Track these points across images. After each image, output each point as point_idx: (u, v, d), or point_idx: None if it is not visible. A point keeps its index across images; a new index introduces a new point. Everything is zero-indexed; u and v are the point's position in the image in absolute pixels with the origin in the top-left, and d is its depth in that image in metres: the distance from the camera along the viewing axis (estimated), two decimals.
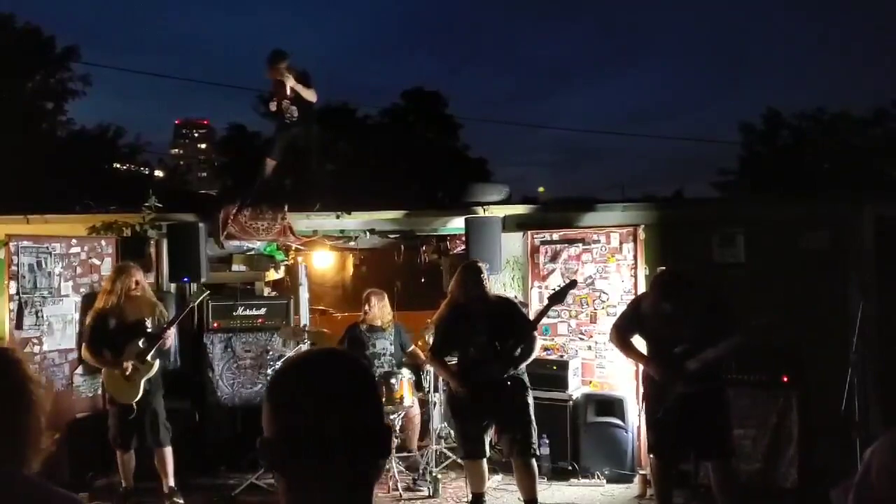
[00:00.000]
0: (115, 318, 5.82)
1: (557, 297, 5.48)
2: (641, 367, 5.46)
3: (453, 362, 5.66)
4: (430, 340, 6.43)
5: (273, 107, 8.01)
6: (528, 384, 5.46)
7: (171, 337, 6.05)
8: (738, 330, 4.87)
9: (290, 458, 1.31)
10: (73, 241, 7.05)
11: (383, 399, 6.33)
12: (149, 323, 5.91)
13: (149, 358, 5.78)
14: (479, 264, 5.61)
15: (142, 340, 5.79)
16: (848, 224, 6.89)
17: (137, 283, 5.92)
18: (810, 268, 6.71)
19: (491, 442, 5.54)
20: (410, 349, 7.31)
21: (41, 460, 1.67)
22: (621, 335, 5.27)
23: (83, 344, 5.98)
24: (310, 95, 7.93)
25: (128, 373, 5.71)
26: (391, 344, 7.19)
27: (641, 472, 6.31)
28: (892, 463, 1.81)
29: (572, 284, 5.59)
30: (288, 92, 7.83)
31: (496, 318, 5.34)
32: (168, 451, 5.92)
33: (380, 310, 7.21)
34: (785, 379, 6.05)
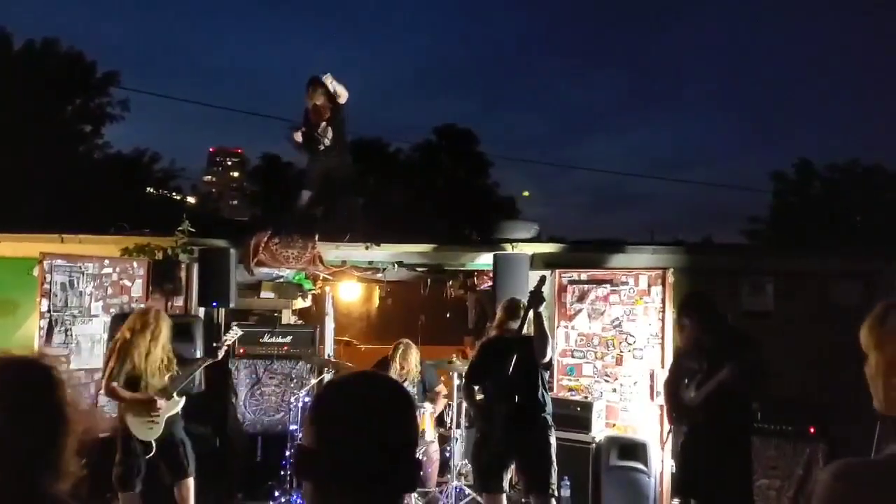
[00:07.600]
0: (140, 356, 5.68)
1: (535, 298, 5.24)
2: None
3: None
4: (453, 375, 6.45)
5: (298, 137, 8.12)
6: (551, 423, 5.41)
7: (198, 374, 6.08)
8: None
9: (321, 467, 1.36)
10: (106, 261, 7.15)
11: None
12: (167, 362, 5.78)
13: (175, 395, 5.75)
14: (521, 301, 5.62)
15: (168, 377, 5.73)
16: (880, 278, 6.81)
17: (161, 324, 5.77)
18: (840, 320, 6.60)
19: (511, 480, 5.49)
20: (438, 387, 7.29)
21: (71, 481, 1.77)
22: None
23: (106, 381, 5.66)
24: (342, 91, 8.04)
25: (158, 411, 5.65)
26: (414, 386, 7.19)
27: None
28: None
29: (542, 280, 5.38)
30: (330, 89, 7.96)
31: (523, 356, 5.25)
32: (191, 482, 5.78)
33: (408, 362, 7.24)
34: (812, 430, 5.97)
